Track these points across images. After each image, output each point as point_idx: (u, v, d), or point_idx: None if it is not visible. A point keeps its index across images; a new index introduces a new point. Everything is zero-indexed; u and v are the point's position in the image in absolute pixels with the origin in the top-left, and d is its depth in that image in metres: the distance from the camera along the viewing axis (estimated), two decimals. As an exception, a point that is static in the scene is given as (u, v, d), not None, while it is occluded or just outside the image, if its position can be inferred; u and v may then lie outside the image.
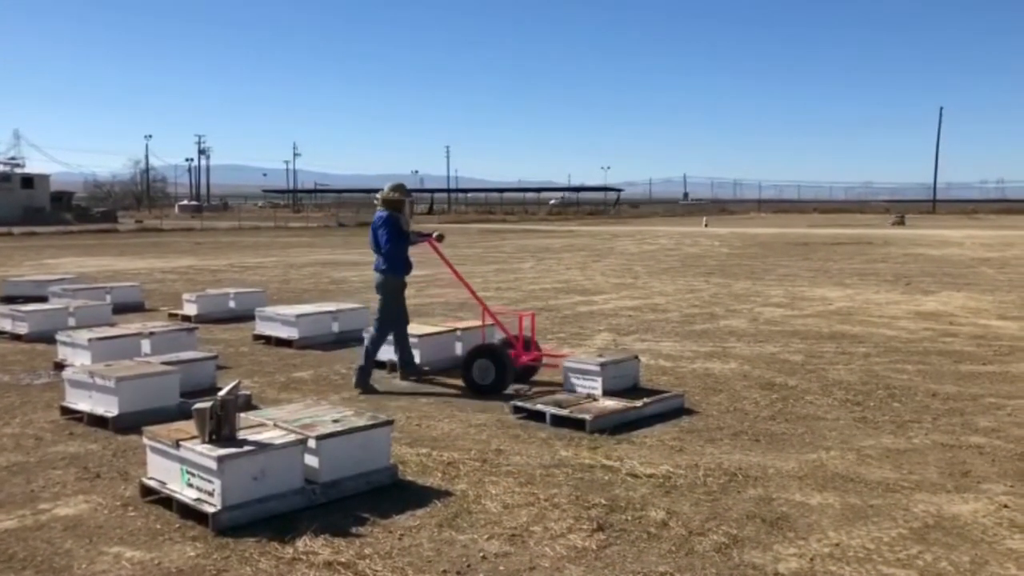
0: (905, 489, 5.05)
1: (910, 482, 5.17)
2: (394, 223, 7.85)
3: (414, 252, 8.17)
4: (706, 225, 51.74)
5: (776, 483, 5.16)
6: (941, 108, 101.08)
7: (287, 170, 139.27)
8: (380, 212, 7.95)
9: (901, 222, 53.59)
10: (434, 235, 8.32)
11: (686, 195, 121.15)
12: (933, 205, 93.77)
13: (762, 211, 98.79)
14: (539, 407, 6.61)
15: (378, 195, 8.07)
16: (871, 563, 4.03)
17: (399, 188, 7.99)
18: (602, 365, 7.05)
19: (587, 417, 6.30)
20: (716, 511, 4.70)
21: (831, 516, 4.62)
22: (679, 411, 6.84)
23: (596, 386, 7.00)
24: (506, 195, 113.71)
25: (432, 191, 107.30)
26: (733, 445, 5.96)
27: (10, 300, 13.41)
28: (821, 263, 22.45)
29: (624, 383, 7.20)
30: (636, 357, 7.65)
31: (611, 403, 6.72)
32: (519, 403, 6.78)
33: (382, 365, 8.54)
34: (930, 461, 5.59)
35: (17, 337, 10.53)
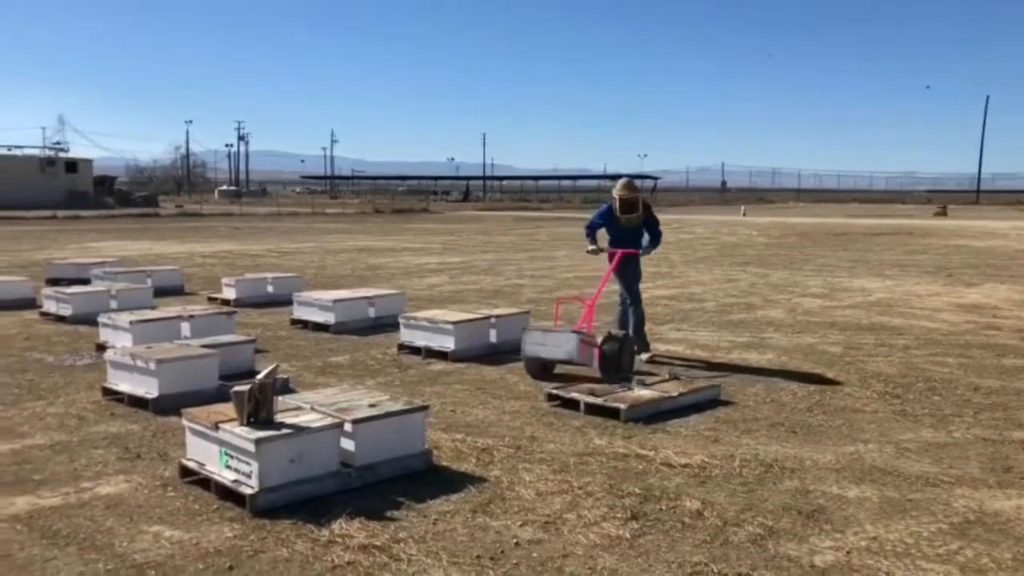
0: (945, 483, 4.97)
1: (950, 476, 5.10)
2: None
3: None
4: (744, 214, 51.24)
5: (813, 475, 5.11)
6: (988, 96, 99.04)
7: (324, 157, 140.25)
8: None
9: (943, 213, 52.68)
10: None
11: (724, 184, 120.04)
12: (977, 195, 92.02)
13: (801, 200, 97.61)
14: (573, 395, 6.60)
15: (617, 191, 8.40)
16: (909, 557, 3.98)
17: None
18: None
19: (621, 406, 6.28)
20: (751, 502, 4.66)
21: (869, 509, 4.57)
22: (715, 401, 6.80)
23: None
24: (541, 183, 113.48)
25: (467, 179, 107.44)
26: (769, 436, 5.91)
27: (54, 282, 13.66)
28: (860, 253, 22.14)
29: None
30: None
31: (646, 392, 6.69)
32: (553, 391, 6.78)
33: (418, 351, 8.59)
34: (971, 456, 5.50)
35: (61, 318, 10.72)
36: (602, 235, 8.65)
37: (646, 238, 8.51)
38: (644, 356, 8.31)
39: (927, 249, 23.91)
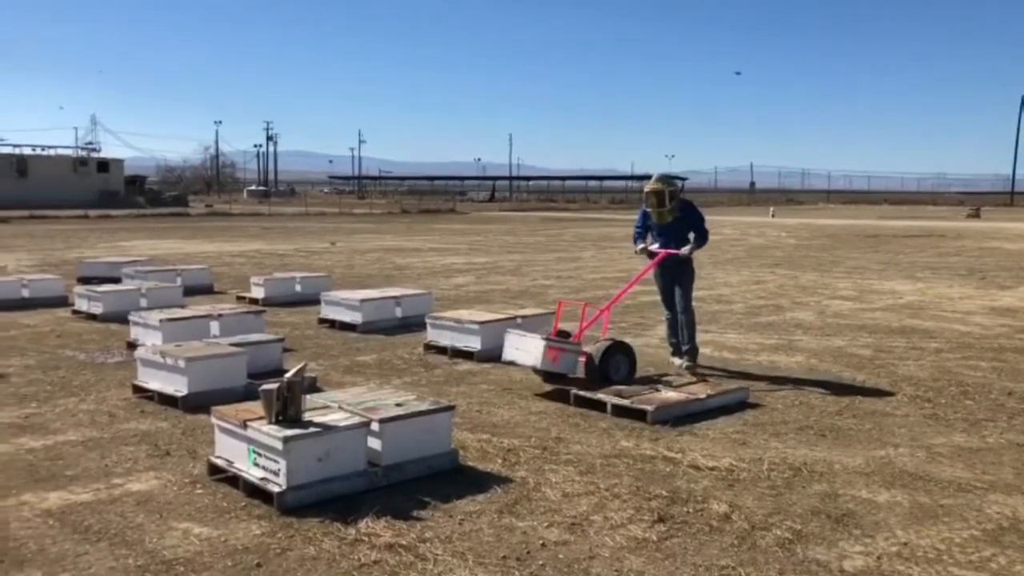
0: (978, 489, 4.90)
1: (983, 482, 5.02)
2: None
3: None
4: (773, 215, 50.85)
5: (842, 479, 5.05)
6: (1023, 96, 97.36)
7: (352, 157, 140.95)
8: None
9: (976, 214, 51.94)
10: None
11: (752, 184, 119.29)
12: (1011, 197, 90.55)
13: (830, 202, 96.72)
14: (600, 396, 6.58)
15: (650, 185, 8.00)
16: (941, 564, 3.93)
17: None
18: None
19: (648, 408, 6.25)
20: (780, 506, 4.62)
21: (899, 514, 4.52)
22: (743, 404, 6.75)
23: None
24: (567, 183, 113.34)
25: (494, 179, 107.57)
26: (798, 440, 5.86)
27: (86, 281, 13.83)
28: (891, 256, 21.90)
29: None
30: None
31: (673, 394, 6.66)
32: (580, 392, 6.76)
33: (444, 351, 8.61)
34: (1005, 461, 5.42)
35: (92, 316, 10.86)
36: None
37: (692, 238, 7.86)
38: (682, 362, 7.93)
39: (959, 251, 23.59)
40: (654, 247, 7.98)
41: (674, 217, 7.82)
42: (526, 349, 7.06)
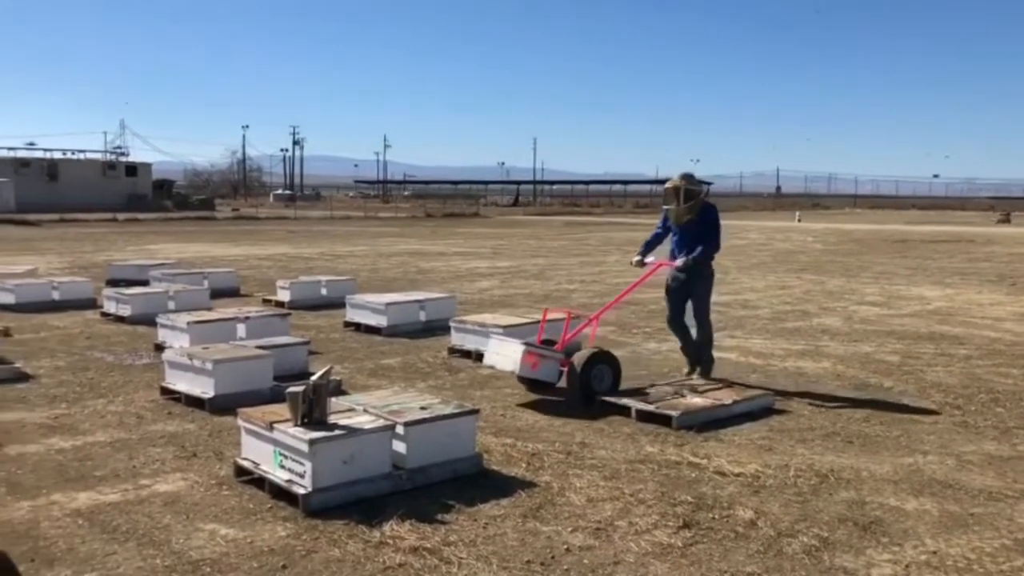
0: (1009, 498, 4.83)
1: (1015, 491, 4.95)
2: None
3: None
4: (799, 220, 50.49)
5: (870, 486, 5.00)
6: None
7: (377, 161, 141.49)
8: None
9: (1007, 220, 51.29)
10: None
11: (778, 189, 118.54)
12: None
13: (857, 206, 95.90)
14: (624, 402, 6.56)
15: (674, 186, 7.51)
16: (971, 573, 3.88)
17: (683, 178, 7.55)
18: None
19: (673, 413, 6.22)
20: (806, 513, 4.58)
21: (928, 523, 4.46)
22: (769, 410, 6.70)
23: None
24: (592, 187, 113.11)
25: (518, 183, 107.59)
26: (825, 446, 5.81)
27: (114, 283, 13.97)
28: (919, 261, 21.67)
29: None
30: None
31: (698, 400, 6.63)
32: (604, 397, 6.73)
33: (468, 354, 8.61)
34: (1036, 470, 5.34)
35: (120, 319, 10.96)
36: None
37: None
38: (693, 372, 7.65)
39: (989, 257, 23.30)
40: (650, 259, 7.73)
41: (690, 219, 7.44)
42: (506, 354, 6.95)
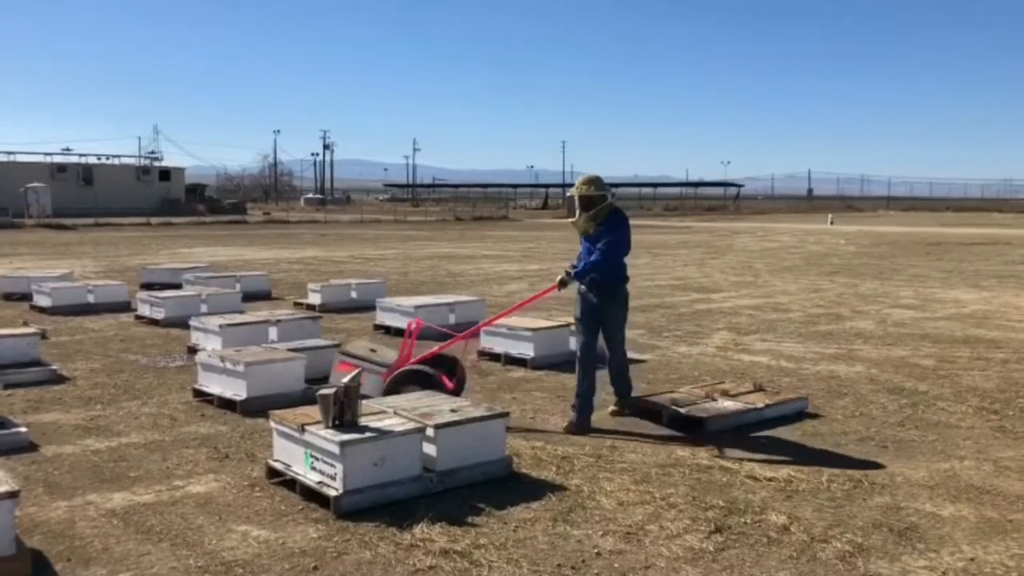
0: (1048, 505, 4.75)
1: (1054, 497, 4.86)
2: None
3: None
4: (831, 223, 49.97)
5: (905, 491, 4.94)
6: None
7: (407, 165, 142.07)
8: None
9: (1044, 222, 50.38)
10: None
11: (810, 191, 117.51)
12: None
13: (891, 209, 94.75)
14: (655, 402, 6.52)
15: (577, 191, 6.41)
16: (1010, 581, 3.81)
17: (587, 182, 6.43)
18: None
19: (705, 416, 6.18)
20: (840, 518, 4.53)
21: (965, 529, 4.39)
22: (802, 414, 6.63)
23: None
24: (621, 190, 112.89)
25: (547, 186, 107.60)
26: (859, 451, 5.74)
27: (148, 287, 14.13)
28: (955, 264, 21.35)
29: None
30: None
31: (730, 404, 6.57)
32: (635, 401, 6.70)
33: (497, 358, 8.61)
34: (1077, 476, 5.24)
35: (154, 322, 11.09)
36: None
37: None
38: (611, 406, 6.64)
39: (1026, 259, 22.92)
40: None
41: (599, 228, 6.31)
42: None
